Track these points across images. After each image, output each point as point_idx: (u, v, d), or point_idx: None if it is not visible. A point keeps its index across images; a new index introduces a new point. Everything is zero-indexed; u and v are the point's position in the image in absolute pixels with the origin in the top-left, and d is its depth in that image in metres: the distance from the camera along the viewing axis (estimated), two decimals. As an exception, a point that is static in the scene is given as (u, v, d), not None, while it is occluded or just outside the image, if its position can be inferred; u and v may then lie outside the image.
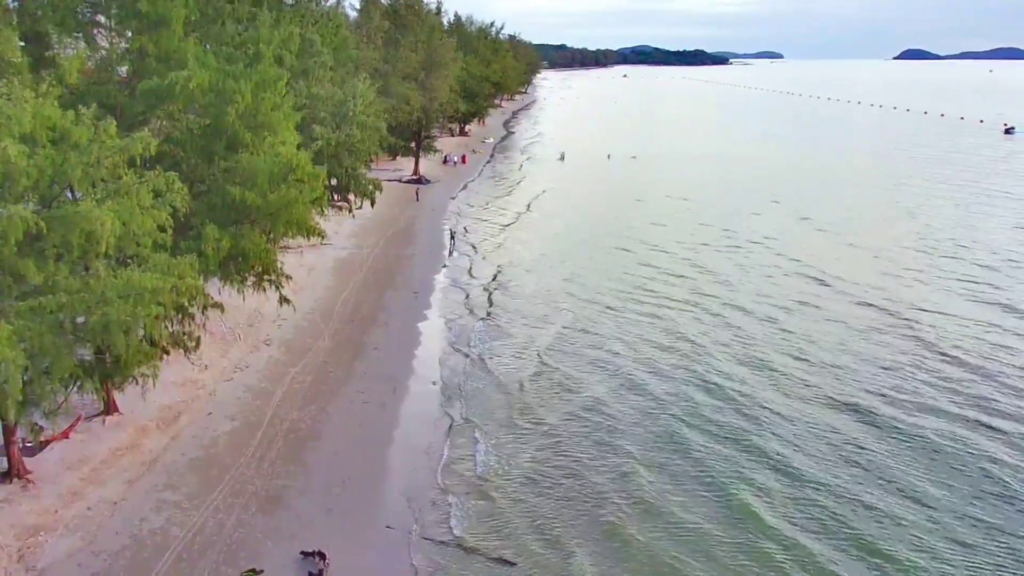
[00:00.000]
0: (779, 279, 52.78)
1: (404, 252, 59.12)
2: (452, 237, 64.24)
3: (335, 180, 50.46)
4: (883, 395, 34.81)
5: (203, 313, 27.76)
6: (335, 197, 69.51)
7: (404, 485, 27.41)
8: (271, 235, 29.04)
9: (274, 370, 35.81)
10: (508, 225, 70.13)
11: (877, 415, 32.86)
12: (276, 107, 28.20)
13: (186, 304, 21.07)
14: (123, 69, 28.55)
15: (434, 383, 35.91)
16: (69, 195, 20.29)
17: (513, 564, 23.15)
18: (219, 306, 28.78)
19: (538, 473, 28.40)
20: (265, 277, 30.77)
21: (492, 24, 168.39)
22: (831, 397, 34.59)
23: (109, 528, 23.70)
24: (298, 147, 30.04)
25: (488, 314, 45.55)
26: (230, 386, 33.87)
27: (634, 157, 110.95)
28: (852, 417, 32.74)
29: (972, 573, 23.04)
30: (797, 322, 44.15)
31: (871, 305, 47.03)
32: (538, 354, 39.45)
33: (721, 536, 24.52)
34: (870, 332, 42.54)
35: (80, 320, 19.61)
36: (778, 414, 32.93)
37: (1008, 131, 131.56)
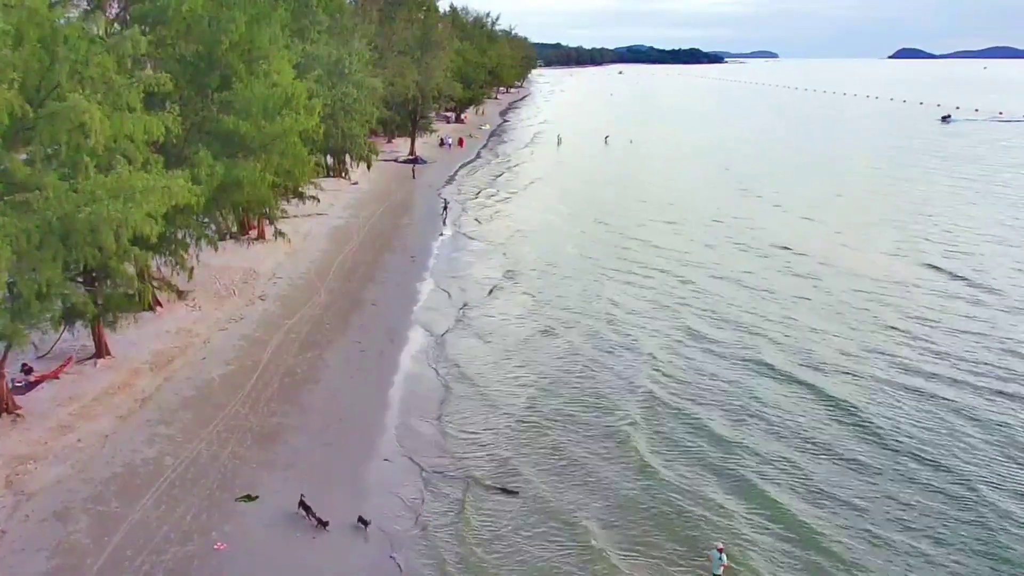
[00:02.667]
0: (719, 229, 55.61)
1: (401, 222, 58.50)
2: (445, 208, 63.58)
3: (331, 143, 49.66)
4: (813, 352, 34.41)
5: (196, 245, 26.99)
6: (330, 168, 69.18)
7: (403, 423, 26.84)
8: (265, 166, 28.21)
9: (269, 322, 35.17)
10: (507, 199, 69.50)
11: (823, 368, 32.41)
12: (273, 40, 27.55)
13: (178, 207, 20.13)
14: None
15: (433, 334, 35.32)
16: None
17: (515, 493, 22.59)
18: (211, 241, 28.04)
19: (535, 412, 27.87)
20: (260, 212, 29.99)
21: (488, 15, 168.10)
22: (789, 350, 34.13)
23: (100, 458, 23.07)
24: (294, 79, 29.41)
25: (487, 277, 44.97)
26: (225, 335, 33.22)
27: (631, 141, 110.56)
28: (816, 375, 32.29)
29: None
30: (729, 264, 43.91)
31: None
32: (536, 308, 38.97)
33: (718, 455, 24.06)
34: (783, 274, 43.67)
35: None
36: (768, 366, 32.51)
37: (945, 119, 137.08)
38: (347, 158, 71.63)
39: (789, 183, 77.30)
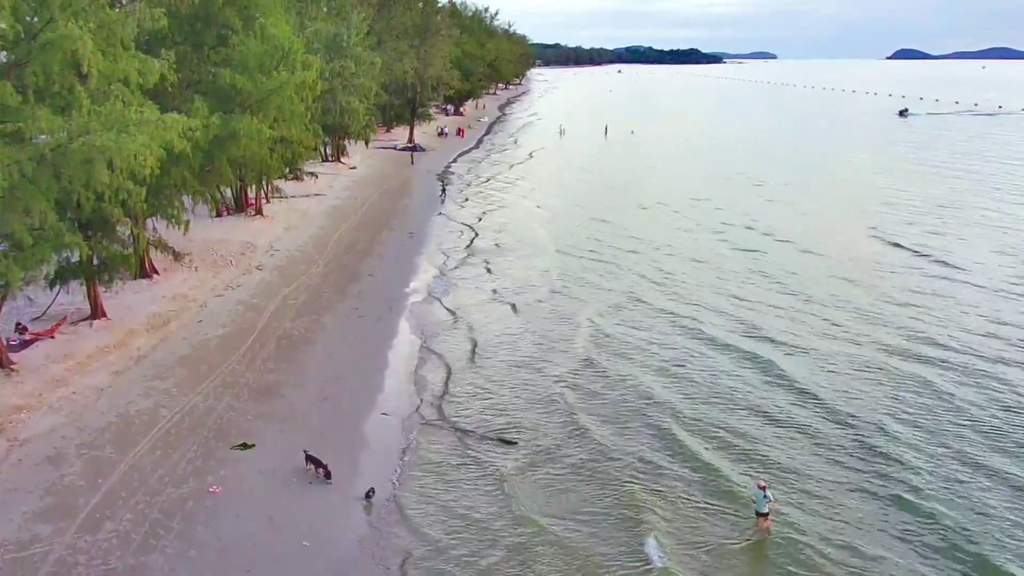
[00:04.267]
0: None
1: (399, 203, 58.33)
2: (443, 190, 63.35)
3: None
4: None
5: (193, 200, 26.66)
6: (327, 155, 69.01)
7: (402, 381, 26.65)
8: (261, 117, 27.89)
9: (267, 290, 34.93)
10: (509, 182, 69.31)
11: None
12: (271, -6, 27.38)
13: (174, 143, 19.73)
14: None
15: (432, 303, 35.12)
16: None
17: (513, 443, 22.38)
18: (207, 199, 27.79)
19: (534, 370, 27.70)
20: (258, 176, 29.79)
21: (487, 9, 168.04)
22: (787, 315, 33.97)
23: (94, 409, 22.83)
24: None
25: (486, 249, 44.78)
26: (221, 301, 33.00)
27: (632, 132, 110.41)
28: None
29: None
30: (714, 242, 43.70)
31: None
32: (536, 277, 38.85)
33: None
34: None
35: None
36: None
37: (902, 113, 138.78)
38: (345, 144, 71.62)
39: (753, 166, 78.68)
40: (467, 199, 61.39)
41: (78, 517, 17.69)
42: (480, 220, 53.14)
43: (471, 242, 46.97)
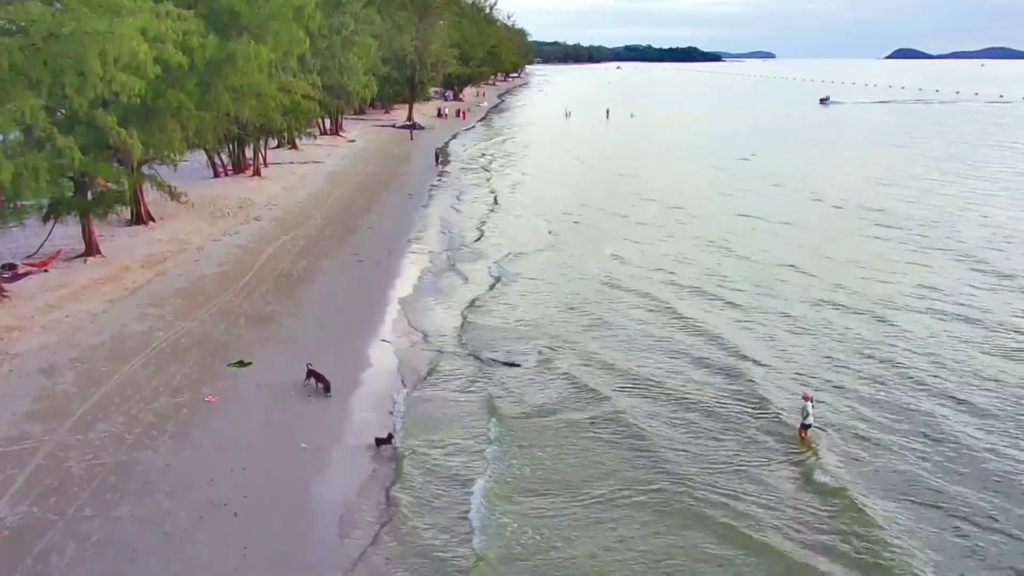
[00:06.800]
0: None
1: (399, 170, 57.76)
2: (437, 158, 62.78)
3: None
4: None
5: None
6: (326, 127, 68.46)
7: (402, 314, 26.13)
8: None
9: (264, 237, 34.42)
10: (513, 154, 69.07)
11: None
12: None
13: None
14: None
15: (433, 251, 34.67)
16: None
17: (517, 365, 21.92)
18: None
19: (530, 300, 27.38)
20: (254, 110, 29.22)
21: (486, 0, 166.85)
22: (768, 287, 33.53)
23: (88, 330, 22.31)
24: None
25: (486, 212, 44.36)
26: (218, 245, 32.48)
27: (632, 115, 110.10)
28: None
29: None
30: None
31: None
32: (533, 228, 38.54)
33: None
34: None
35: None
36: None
37: (823, 101, 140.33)
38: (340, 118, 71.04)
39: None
40: (476, 168, 61.02)
41: (70, 419, 17.20)
42: (479, 182, 52.72)
43: (470, 203, 46.48)
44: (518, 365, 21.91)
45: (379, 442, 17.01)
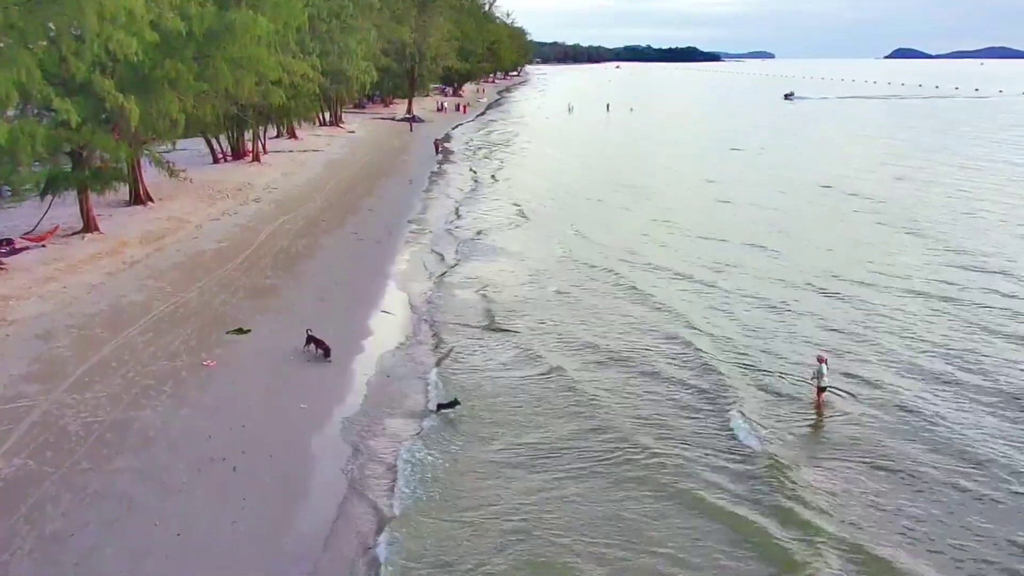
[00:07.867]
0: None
1: (399, 159, 57.61)
2: (437, 147, 62.58)
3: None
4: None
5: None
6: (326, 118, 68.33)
7: (402, 288, 25.95)
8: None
9: (263, 217, 34.30)
10: (515, 145, 68.87)
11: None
12: None
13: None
14: None
15: (432, 231, 34.50)
16: None
17: (516, 332, 21.75)
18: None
19: (530, 281, 27.15)
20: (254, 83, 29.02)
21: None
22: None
23: (85, 300, 22.17)
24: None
25: (485, 194, 44.20)
26: (218, 224, 32.36)
27: (632, 109, 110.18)
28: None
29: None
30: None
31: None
32: (529, 210, 38.27)
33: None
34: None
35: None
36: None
37: (787, 96, 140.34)
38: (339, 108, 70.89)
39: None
40: (476, 156, 60.91)
41: (66, 380, 17.03)
42: (479, 168, 52.56)
43: (472, 188, 46.31)
44: (517, 332, 21.77)
45: (440, 407, 16.73)
